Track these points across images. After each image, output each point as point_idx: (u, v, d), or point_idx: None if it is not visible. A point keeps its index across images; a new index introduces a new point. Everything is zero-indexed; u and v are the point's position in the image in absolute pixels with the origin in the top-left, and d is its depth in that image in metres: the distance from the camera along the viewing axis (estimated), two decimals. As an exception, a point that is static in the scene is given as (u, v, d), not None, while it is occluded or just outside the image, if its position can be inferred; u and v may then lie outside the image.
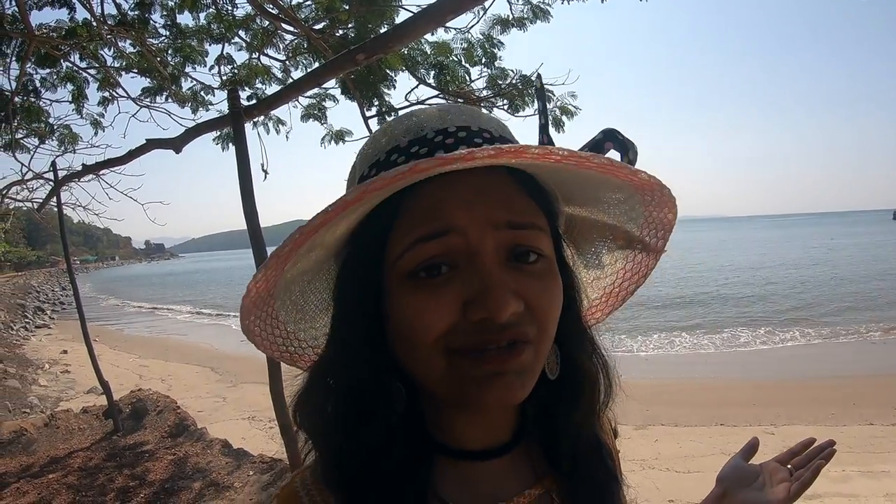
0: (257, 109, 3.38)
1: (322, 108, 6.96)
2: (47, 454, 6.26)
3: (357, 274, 0.65)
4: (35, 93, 6.54)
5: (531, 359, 0.61)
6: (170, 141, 3.96)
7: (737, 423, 8.56)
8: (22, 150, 8.18)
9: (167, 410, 7.07)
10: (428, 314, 0.59)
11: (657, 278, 11.82)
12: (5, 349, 18.57)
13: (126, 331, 27.68)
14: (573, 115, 5.71)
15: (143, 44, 6.27)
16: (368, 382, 0.63)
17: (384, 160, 0.65)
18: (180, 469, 5.57)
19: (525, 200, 0.63)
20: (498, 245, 0.60)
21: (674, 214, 0.76)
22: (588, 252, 0.83)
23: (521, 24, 5.50)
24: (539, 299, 0.61)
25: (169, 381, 13.92)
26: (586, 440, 0.76)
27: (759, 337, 16.55)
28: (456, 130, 0.64)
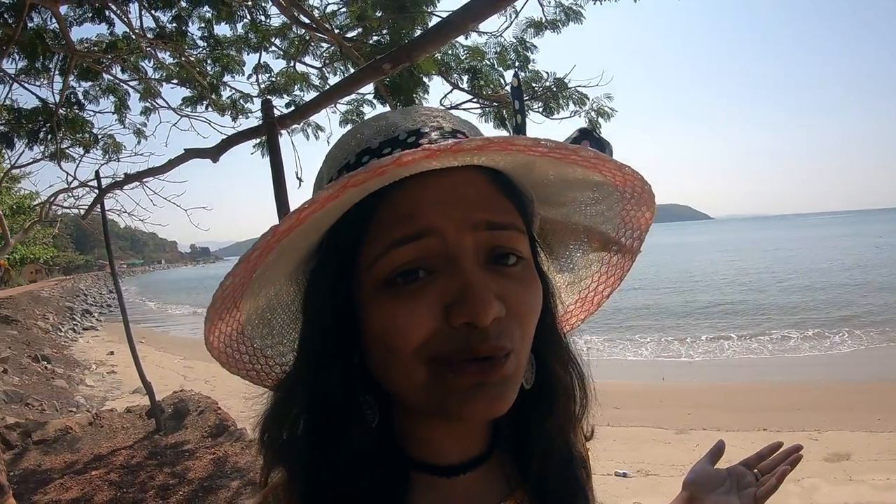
0: (290, 118, 3.44)
1: (360, 114, 7.04)
2: (91, 452, 6.44)
3: (327, 284, 0.61)
4: (78, 105, 6.75)
5: (513, 367, 0.58)
6: (207, 150, 4.05)
7: (780, 428, 8.35)
8: (67, 160, 8.49)
9: (208, 411, 7.21)
10: (407, 322, 0.55)
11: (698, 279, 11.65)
12: (54, 350, 19.18)
13: (171, 332, 28.31)
14: (610, 116, 5.67)
15: (182, 55, 6.44)
16: (339, 397, 0.60)
17: (354, 163, 0.62)
18: (219, 468, 5.68)
19: (503, 201, 0.60)
20: (477, 246, 0.58)
21: (651, 213, 0.75)
22: (562, 256, 0.81)
23: (553, 27, 5.48)
24: (520, 303, 0.59)
25: (213, 383, 14.11)
26: (558, 452, 0.73)
27: (807, 340, 16.25)
28: (429, 130, 0.62)
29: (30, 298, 31.49)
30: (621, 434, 8.37)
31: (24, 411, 11.13)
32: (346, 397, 0.60)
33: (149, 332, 27.39)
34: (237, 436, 6.57)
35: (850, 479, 6.68)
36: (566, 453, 0.74)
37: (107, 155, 8.23)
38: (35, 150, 8.52)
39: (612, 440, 8.15)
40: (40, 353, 17.49)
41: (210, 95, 7.02)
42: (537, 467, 0.71)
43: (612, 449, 7.69)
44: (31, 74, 6.29)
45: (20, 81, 6.46)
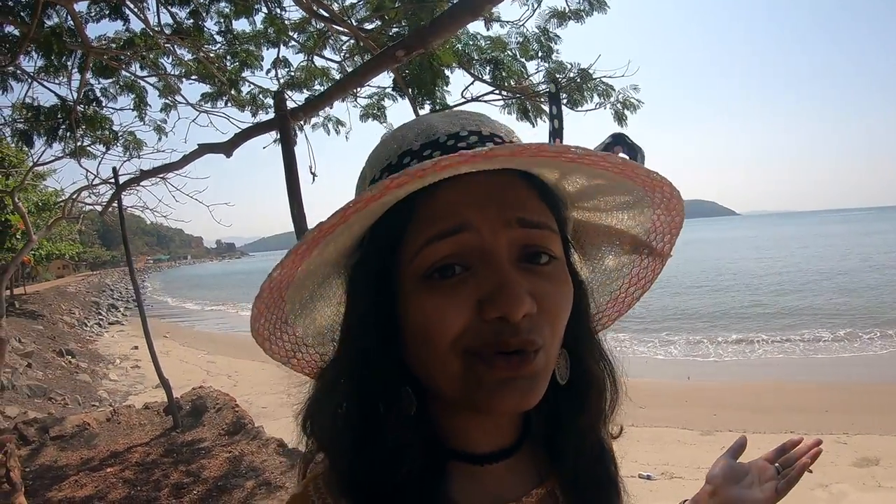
0: (303, 111, 3.34)
1: (381, 108, 6.94)
2: (107, 448, 6.45)
3: (369, 276, 0.64)
4: (96, 102, 6.73)
5: (542, 363, 0.61)
6: (220, 145, 3.98)
7: (807, 430, 8.20)
8: (89, 157, 8.50)
9: (226, 408, 7.18)
10: (443, 315, 0.58)
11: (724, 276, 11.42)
12: (79, 345, 19.47)
13: (196, 327, 28.70)
14: (636, 108, 5.49)
15: (200, 50, 6.39)
16: (380, 388, 0.63)
17: (396, 163, 0.65)
18: (234, 467, 5.63)
19: (537, 202, 0.63)
20: (511, 243, 0.60)
21: (681, 218, 0.77)
22: (594, 257, 0.83)
23: (577, 17, 5.31)
24: (551, 301, 0.61)
25: (235, 378, 14.23)
26: (591, 445, 0.76)
27: (837, 340, 15.99)
28: (468, 134, 0.65)
29: (56, 293, 32.12)
30: (645, 434, 8.28)
31: (47, 405, 11.27)
32: (386, 388, 0.62)
33: (173, 327, 27.78)
34: (254, 434, 6.51)
35: (880, 485, 6.59)
36: (598, 448, 0.77)
37: (128, 152, 8.22)
38: (56, 148, 8.60)
39: (636, 441, 8.03)
40: (65, 347, 17.77)
41: (229, 91, 6.95)
42: (571, 461, 0.73)
43: (636, 450, 7.59)
44: (50, 73, 6.29)
45: (39, 80, 6.47)
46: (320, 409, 0.67)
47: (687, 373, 13.34)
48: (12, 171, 12.33)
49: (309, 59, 6.67)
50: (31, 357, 14.67)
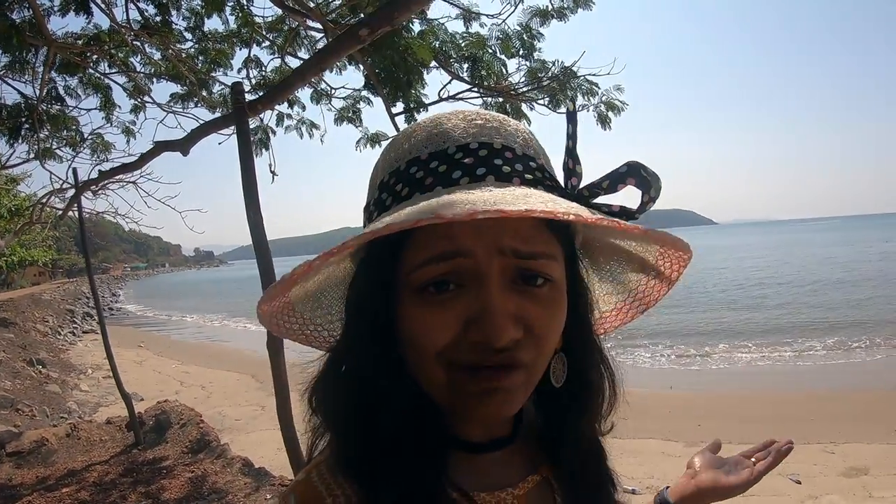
0: (261, 104, 3.09)
1: (356, 111, 6.73)
2: (65, 466, 6.14)
3: (371, 279, 0.66)
4: (60, 101, 6.44)
5: (523, 380, 0.63)
6: (177, 143, 3.74)
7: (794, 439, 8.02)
8: (55, 160, 8.19)
9: (190, 424, 6.87)
10: (431, 328, 0.61)
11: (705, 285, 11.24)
12: (50, 354, 18.94)
13: (171, 336, 28.24)
14: (621, 111, 5.31)
15: (168, 48, 6.13)
16: (377, 376, 0.65)
17: (403, 170, 0.67)
18: (197, 488, 5.33)
19: (537, 228, 0.63)
20: (504, 269, 0.62)
21: (689, 256, 0.78)
22: (603, 268, 0.84)
23: (561, 15, 5.11)
24: (540, 324, 0.63)
25: (209, 389, 13.94)
26: (587, 444, 0.79)
27: (821, 348, 16.00)
28: (478, 148, 0.65)
29: (30, 301, 31.42)
30: (629, 447, 8.15)
31: (14, 417, 10.81)
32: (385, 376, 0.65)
33: (148, 337, 27.31)
34: (218, 452, 6.21)
35: (871, 495, 6.49)
36: (596, 444, 0.82)
37: (95, 154, 7.92)
38: (21, 150, 8.27)
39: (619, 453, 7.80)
40: (35, 356, 17.21)
41: (199, 92, 6.70)
42: (568, 458, 0.77)
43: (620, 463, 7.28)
44: (15, 70, 6.01)
45: (3, 78, 6.18)
46: (323, 388, 0.70)
47: (669, 382, 13.23)
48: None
49: (282, 58, 6.43)
50: (-2, 366, 14.17)
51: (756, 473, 1.03)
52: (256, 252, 2.87)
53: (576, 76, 5.05)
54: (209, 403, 12.09)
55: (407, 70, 3.89)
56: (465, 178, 0.63)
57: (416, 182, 0.65)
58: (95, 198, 10.29)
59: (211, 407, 11.61)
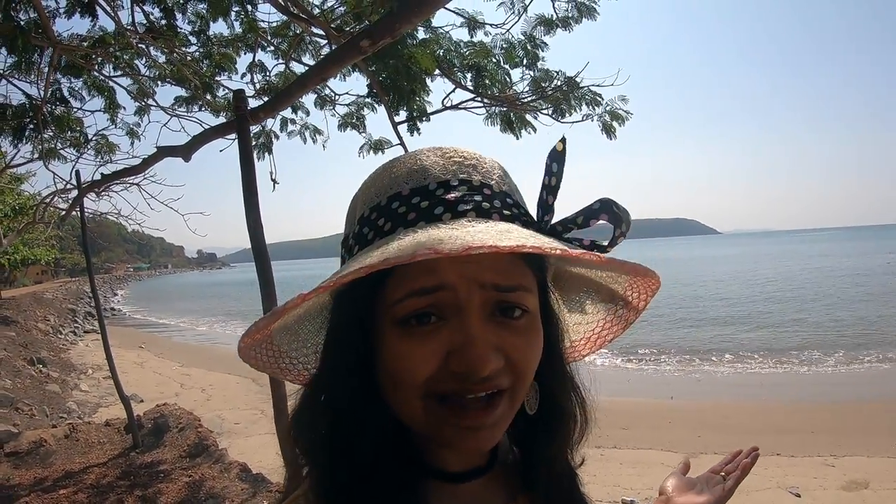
0: (263, 111, 3.08)
1: (360, 118, 6.72)
2: (63, 468, 6.12)
3: (351, 312, 0.67)
4: (64, 102, 6.45)
5: (506, 408, 0.65)
6: (179, 149, 3.74)
7: (794, 452, 8.18)
8: (60, 160, 8.21)
9: (189, 428, 6.85)
10: (414, 360, 0.62)
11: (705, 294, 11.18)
12: (51, 353, 18.89)
13: (172, 338, 28.19)
14: (625, 120, 5.30)
15: (173, 51, 6.14)
16: (355, 408, 0.65)
17: (384, 205, 0.68)
18: (193, 493, 5.31)
19: (514, 262, 0.65)
20: (484, 302, 0.63)
21: (657, 286, 0.80)
22: (572, 300, 0.87)
23: (565, 24, 5.10)
24: (519, 354, 0.65)
25: (209, 392, 13.91)
26: (560, 470, 0.80)
27: (826, 358, 15.93)
28: (458, 184, 0.67)
29: (33, 299, 31.43)
30: (628, 457, 8.13)
31: (13, 416, 10.77)
32: (362, 408, 0.65)
33: (149, 338, 27.28)
34: (216, 457, 6.19)
35: None
36: (568, 470, 0.82)
37: (99, 155, 7.93)
38: (26, 150, 8.28)
39: (618, 463, 7.86)
40: (36, 355, 17.18)
41: (203, 95, 6.70)
42: (542, 484, 0.78)
43: (620, 473, 7.42)
44: (21, 70, 6.02)
45: (9, 78, 6.19)
46: (301, 423, 0.70)
47: (670, 392, 13.18)
48: (-15, 175, 11.94)
49: (286, 63, 6.43)
50: (-1, 365, 14.14)
51: (727, 490, 1.05)
52: (255, 258, 2.87)
53: (579, 87, 5.04)
54: (209, 406, 12.07)
55: (410, 79, 3.89)
56: (448, 214, 0.64)
57: (398, 217, 0.66)
58: (99, 199, 10.34)
59: (210, 410, 11.59)
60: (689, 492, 1.05)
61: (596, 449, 9.50)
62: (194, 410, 9.22)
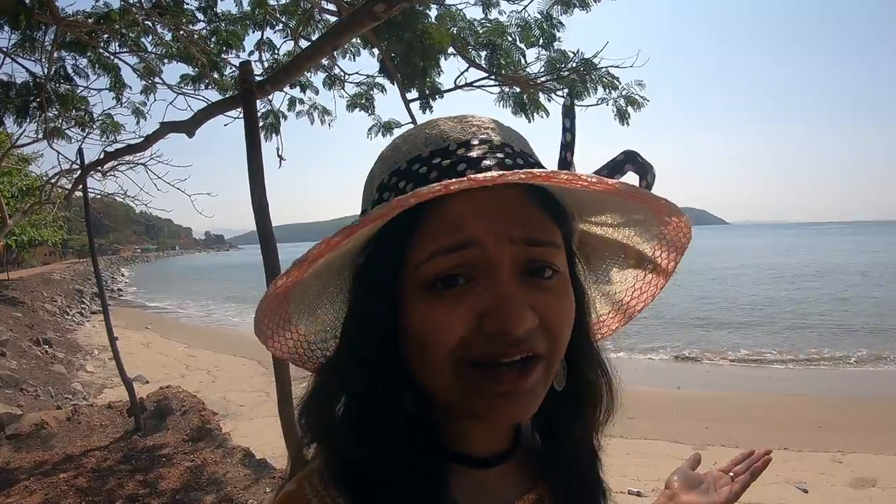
0: (270, 84, 2.96)
1: (369, 98, 6.60)
2: (64, 451, 6.07)
3: (374, 280, 0.65)
4: (68, 79, 6.35)
5: (542, 375, 0.63)
6: (183, 124, 3.64)
7: (801, 447, 8.08)
8: (65, 140, 8.14)
9: (192, 411, 6.79)
10: (443, 325, 0.60)
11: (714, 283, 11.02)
12: (57, 334, 18.94)
13: (181, 319, 28.26)
14: (641, 106, 5.16)
15: (179, 29, 6.03)
16: (378, 387, 0.63)
17: (405, 169, 0.66)
18: (195, 478, 5.25)
19: (543, 218, 0.64)
20: (514, 259, 0.61)
21: (688, 239, 0.78)
22: (598, 269, 0.84)
23: (583, 4, 4.94)
24: (553, 314, 0.62)
25: (215, 373, 13.93)
26: (584, 452, 0.79)
27: (837, 353, 15.68)
28: (478, 143, 0.66)
29: (40, 280, 31.55)
30: (635, 447, 8.08)
31: (18, 397, 10.80)
32: (386, 387, 0.63)
33: (156, 319, 27.42)
34: (219, 442, 6.13)
35: None
36: (591, 455, 0.81)
37: (105, 135, 7.84)
38: (30, 129, 8.20)
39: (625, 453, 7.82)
40: (42, 336, 17.22)
41: (211, 74, 6.59)
42: (563, 467, 0.77)
43: (626, 464, 7.37)
44: (25, 49, 5.92)
45: (13, 56, 6.09)
46: (318, 404, 0.68)
47: (677, 382, 13.10)
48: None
49: (295, 41, 6.30)
50: (5, 345, 14.13)
51: (734, 493, 1.00)
52: (260, 236, 2.76)
53: (596, 68, 4.88)
54: (214, 388, 12.08)
55: (423, 55, 3.75)
56: (471, 171, 0.62)
57: (419, 177, 0.64)
58: (105, 179, 10.29)
59: (216, 391, 11.59)
60: (695, 490, 1.00)
61: (602, 438, 9.53)
62: (199, 392, 9.21)
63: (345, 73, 6.67)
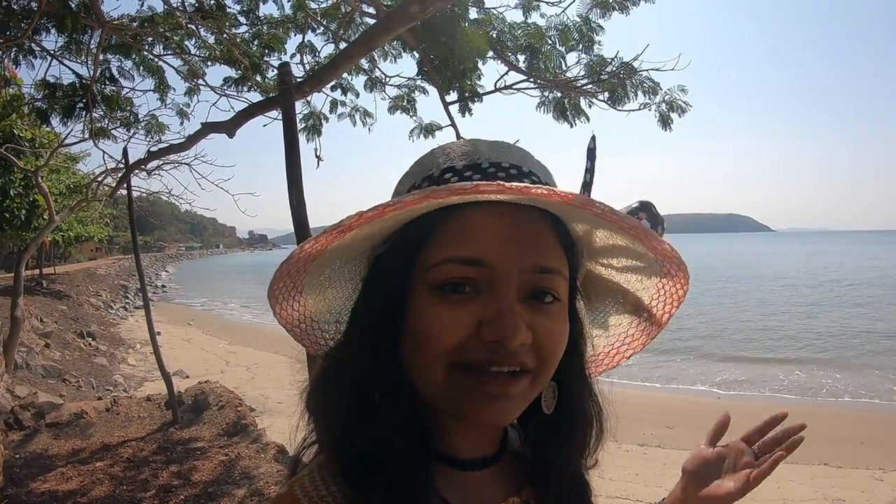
0: (308, 85, 2.99)
1: (411, 101, 6.63)
2: (101, 440, 6.21)
3: (388, 272, 0.68)
4: (113, 81, 6.52)
5: (527, 388, 0.66)
6: (223, 124, 3.70)
7: (842, 463, 8.02)
8: (110, 139, 8.34)
9: (228, 406, 6.88)
10: (443, 326, 0.63)
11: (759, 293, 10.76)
12: (101, 328, 19.46)
13: (222, 316, 28.78)
14: (684, 111, 5.08)
15: (222, 32, 6.14)
16: (377, 375, 0.66)
17: (438, 176, 0.71)
18: (228, 472, 5.32)
19: (555, 247, 0.68)
20: (522, 282, 0.65)
21: (684, 291, 0.81)
22: (597, 310, 0.88)
23: (622, 7, 4.87)
24: (546, 336, 0.66)
25: (254, 370, 14.15)
26: (571, 474, 0.80)
27: (880, 368, 15.31)
28: (509, 167, 0.70)
29: (86, 275, 32.46)
30: (672, 457, 8.01)
31: (60, 387, 11.14)
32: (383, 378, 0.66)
33: (198, 315, 28.00)
34: (254, 437, 6.20)
35: None
36: (579, 478, 0.83)
37: (149, 135, 8.03)
38: (77, 129, 8.44)
39: (661, 464, 7.69)
40: (86, 329, 17.74)
41: (253, 76, 6.70)
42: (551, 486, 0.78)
43: (663, 474, 7.31)
44: (71, 51, 6.12)
45: (59, 58, 6.29)
46: (321, 388, 0.71)
47: (717, 391, 12.86)
48: (41, 152, 12.28)
49: (336, 44, 6.37)
50: (49, 337, 14.59)
51: (753, 478, 0.91)
52: (297, 236, 2.79)
53: (636, 72, 4.82)
54: (253, 384, 12.29)
55: (462, 58, 3.75)
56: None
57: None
58: (149, 178, 10.53)
59: (255, 388, 11.79)
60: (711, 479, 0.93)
61: (639, 447, 9.47)
62: (238, 388, 9.36)
63: (386, 75, 6.71)
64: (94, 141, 7.78)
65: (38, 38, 5.72)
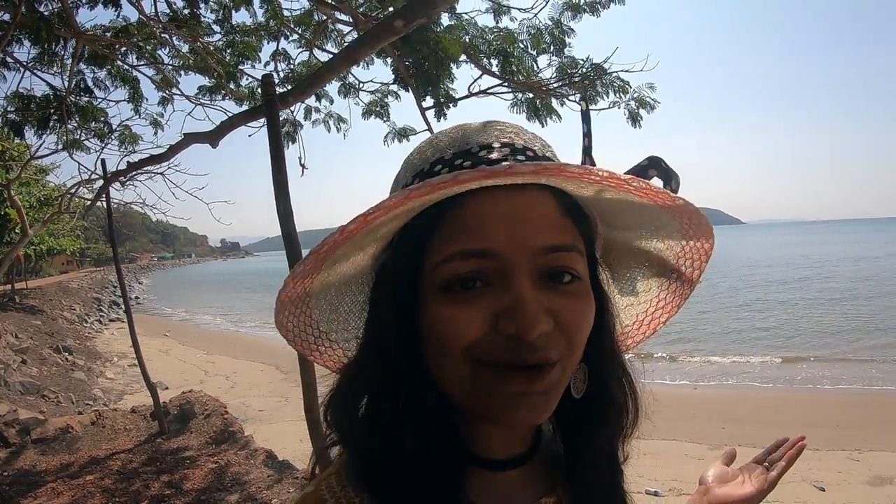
0: (292, 96, 3.06)
1: (384, 105, 6.71)
2: (89, 454, 6.18)
3: (394, 280, 0.65)
4: (88, 92, 6.50)
5: (556, 378, 0.61)
6: (205, 135, 3.75)
7: (819, 445, 8.06)
8: (83, 151, 8.28)
9: (214, 415, 6.90)
10: (458, 324, 0.59)
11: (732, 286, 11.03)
12: (77, 342, 19.15)
13: (199, 326, 28.45)
14: (652, 108, 5.21)
15: (197, 40, 6.16)
16: (400, 386, 0.63)
17: (428, 170, 0.66)
18: (219, 479, 5.35)
19: (564, 222, 0.63)
20: (533, 266, 0.61)
21: (710, 245, 0.77)
22: (623, 278, 0.83)
23: (593, 9, 5.01)
24: (570, 318, 0.61)
25: (234, 379, 14.05)
26: (606, 460, 0.76)
27: (850, 352, 15.71)
28: (500, 146, 0.66)
29: (58, 289, 31.86)
30: (651, 447, 8.07)
31: (39, 403, 10.97)
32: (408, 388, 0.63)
33: (174, 326, 27.61)
34: (242, 443, 6.23)
35: None
36: (613, 464, 0.77)
37: (123, 146, 7.99)
38: (50, 141, 8.37)
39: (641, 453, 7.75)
40: (62, 343, 17.44)
41: (227, 85, 6.72)
42: (584, 475, 0.74)
43: (642, 464, 7.36)
44: (44, 62, 6.08)
45: (32, 69, 6.25)
46: (342, 402, 0.68)
47: (693, 381, 13.07)
48: (12, 165, 12.11)
49: (310, 52, 6.43)
50: (25, 353, 14.36)
51: (770, 481, 1.01)
52: (286, 244, 2.86)
53: (606, 73, 4.96)
54: (233, 394, 12.22)
55: (436, 64, 3.84)
56: None
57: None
58: (123, 188, 10.46)
59: (235, 397, 11.72)
60: (730, 483, 1.02)
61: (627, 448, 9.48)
62: (219, 398, 9.33)
63: (359, 81, 6.79)
64: (68, 152, 7.74)
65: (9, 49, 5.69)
